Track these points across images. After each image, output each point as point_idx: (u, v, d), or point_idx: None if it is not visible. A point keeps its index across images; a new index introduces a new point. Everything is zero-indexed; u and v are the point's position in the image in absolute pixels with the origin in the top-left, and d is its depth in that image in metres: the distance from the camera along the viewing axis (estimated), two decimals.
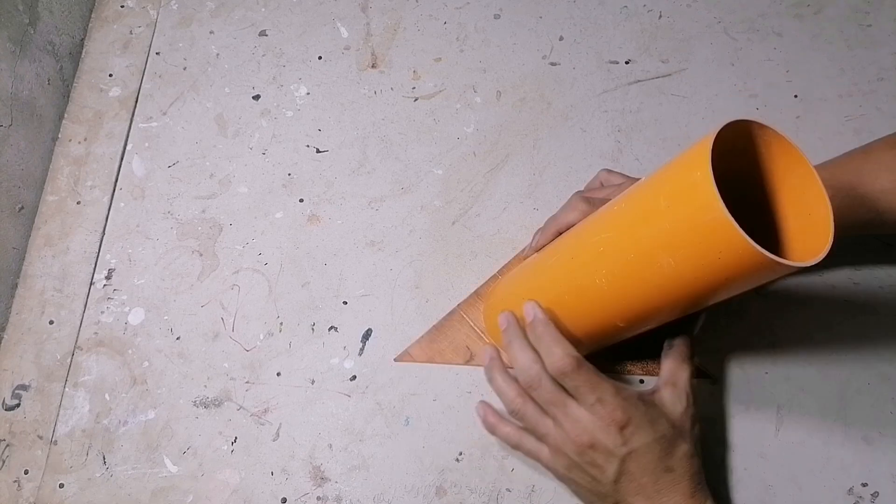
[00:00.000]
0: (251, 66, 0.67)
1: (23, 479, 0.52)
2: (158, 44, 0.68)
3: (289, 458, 0.52)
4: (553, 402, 0.42)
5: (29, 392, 0.55)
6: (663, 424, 0.42)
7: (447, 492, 0.50)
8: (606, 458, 0.41)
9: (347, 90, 0.65)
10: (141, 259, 0.59)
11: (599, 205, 0.46)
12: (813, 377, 0.52)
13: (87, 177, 0.62)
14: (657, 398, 0.43)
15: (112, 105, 0.66)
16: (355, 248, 0.59)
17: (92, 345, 0.56)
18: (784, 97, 0.62)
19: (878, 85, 0.62)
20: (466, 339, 0.55)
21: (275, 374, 0.54)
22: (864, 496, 0.49)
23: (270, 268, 0.58)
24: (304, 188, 0.61)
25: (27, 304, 0.58)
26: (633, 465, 0.41)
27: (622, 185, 0.50)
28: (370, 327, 0.56)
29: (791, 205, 0.38)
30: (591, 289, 0.42)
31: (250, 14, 0.69)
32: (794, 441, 0.51)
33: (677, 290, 0.38)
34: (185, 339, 0.56)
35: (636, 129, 0.62)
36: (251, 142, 0.63)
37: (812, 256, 0.34)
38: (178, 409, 0.54)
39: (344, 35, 0.68)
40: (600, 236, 0.42)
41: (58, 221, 0.61)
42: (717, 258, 0.34)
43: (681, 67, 0.64)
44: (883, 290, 0.55)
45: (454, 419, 0.52)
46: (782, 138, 0.36)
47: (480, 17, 0.68)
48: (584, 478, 0.43)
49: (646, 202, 0.38)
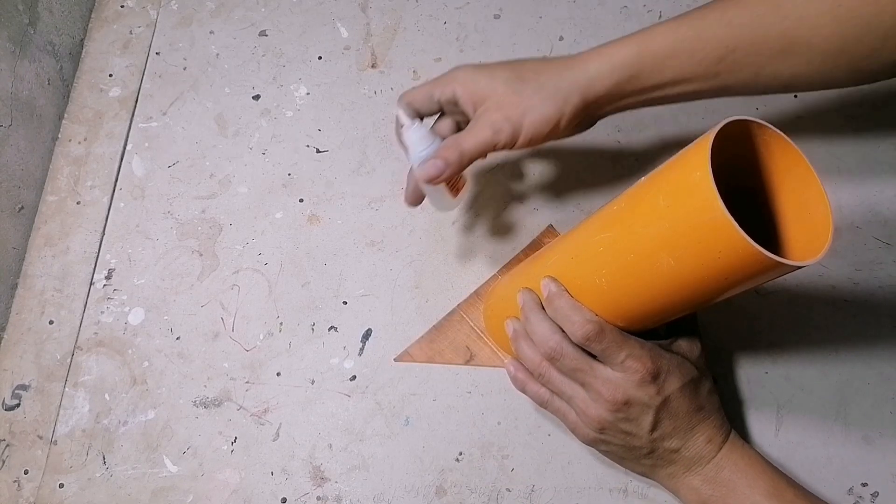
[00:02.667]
0: (251, 66, 0.67)
1: (23, 479, 0.52)
2: (158, 44, 0.68)
3: (289, 458, 0.52)
4: (579, 369, 0.43)
5: (29, 392, 0.55)
6: (688, 367, 0.43)
7: (447, 492, 0.50)
8: (642, 410, 0.42)
9: (347, 90, 0.65)
10: (141, 259, 0.59)
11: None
12: (813, 377, 0.52)
13: (87, 177, 0.62)
14: (675, 346, 0.45)
15: (112, 105, 0.66)
16: (355, 248, 0.59)
17: (92, 345, 0.56)
18: (784, 97, 0.62)
19: (877, 85, 0.62)
20: (466, 339, 0.55)
21: (275, 374, 0.54)
22: (864, 496, 0.49)
23: (270, 268, 0.58)
24: (304, 188, 0.61)
25: (27, 304, 0.58)
26: (668, 411, 0.42)
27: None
28: (370, 327, 0.56)
29: (790, 204, 0.38)
30: (590, 288, 0.42)
31: (250, 14, 0.69)
32: (794, 441, 0.51)
33: (677, 290, 0.38)
34: (185, 339, 0.56)
35: (636, 129, 0.62)
36: (251, 142, 0.63)
37: (811, 255, 0.34)
38: (178, 409, 0.54)
39: (344, 35, 0.68)
40: (600, 236, 0.42)
41: (58, 221, 0.61)
42: (717, 258, 0.34)
43: None
44: (882, 289, 0.55)
45: (454, 419, 0.52)
46: (781, 138, 0.36)
47: (480, 17, 0.68)
48: (617, 436, 0.44)
49: (645, 202, 0.38)
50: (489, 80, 0.45)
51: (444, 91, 0.46)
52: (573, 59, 0.46)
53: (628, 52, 0.44)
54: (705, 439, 0.43)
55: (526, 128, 0.45)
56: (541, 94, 0.44)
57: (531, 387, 0.47)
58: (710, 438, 0.43)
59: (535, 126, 0.45)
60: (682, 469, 0.44)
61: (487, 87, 0.45)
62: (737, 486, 0.43)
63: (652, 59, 0.44)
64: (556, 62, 0.46)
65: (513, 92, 0.44)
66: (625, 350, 0.41)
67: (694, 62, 0.44)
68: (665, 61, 0.44)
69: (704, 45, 0.44)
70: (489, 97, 0.45)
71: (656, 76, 0.45)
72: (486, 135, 0.44)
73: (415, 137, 0.46)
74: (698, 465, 0.43)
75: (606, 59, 0.45)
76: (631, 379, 0.41)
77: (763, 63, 0.44)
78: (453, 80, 0.46)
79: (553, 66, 0.46)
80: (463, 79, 0.46)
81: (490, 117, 0.44)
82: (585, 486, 0.50)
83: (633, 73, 0.45)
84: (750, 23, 0.43)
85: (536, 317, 0.45)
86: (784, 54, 0.43)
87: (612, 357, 0.42)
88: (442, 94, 0.46)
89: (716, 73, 0.44)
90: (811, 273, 0.55)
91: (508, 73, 0.45)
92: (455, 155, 0.45)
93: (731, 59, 0.44)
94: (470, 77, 0.45)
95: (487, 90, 0.45)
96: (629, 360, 0.41)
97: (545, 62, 0.46)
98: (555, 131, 0.45)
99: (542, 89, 0.44)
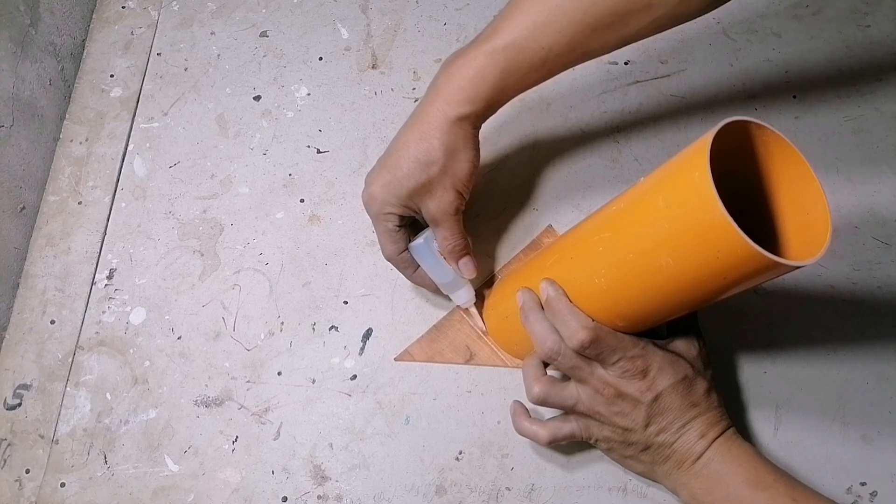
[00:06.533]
0: (252, 66, 0.67)
1: (24, 479, 0.52)
2: (159, 44, 0.68)
3: (289, 457, 0.52)
4: (576, 367, 0.44)
5: (30, 391, 0.55)
6: (682, 365, 0.44)
7: (447, 491, 0.50)
8: (635, 406, 0.43)
9: (348, 91, 0.65)
10: (142, 259, 0.59)
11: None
12: (812, 376, 0.52)
13: (89, 177, 0.63)
14: (672, 345, 0.46)
15: (113, 105, 0.66)
16: (356, 248, 0.59)
17: (93, 344, 0.56)
18: (783, 98, 0.62)
19: (876, 86, 0.62)
20: (466, 339, 0.55)
21: (276, 373, 0.55)
22: (863, 495, 0.49)
23: (271, 267, 0.58)
24: (305, 188, 0.61)
25: (29, 303, 0.58)
26: (661, 407, 0.43)
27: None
28: (371, 327, 0.56)
29: (789, 204, 0.38)
30: (590, 288, 0.43)
31: (251, 15, 0.70)
32: (793, 440, 0.51)
33: (676, 290, 0.38)
34: (187, 338, 0.56)
35: (635, 130, 0.62)
36: (252, 142, 0.63)
37: (810, 255, 0.34)
38: (180, 409, 0.54)
39: (344, 36, 0.68)
40: (600, 236, 0.42)
41: (59, 221, 0.61)
42: (716, 258, 0.34)
43: (680, 68, 0.64)
44: (881, 289, 0.55)
45: (454, 418, 0.52)
46: (780, 138, 0.37)
47: (480, 17, 0.68)
48: (615, 431, 0.45)
49: (645, 202, 0.38)
50: (399, 189, 0.48)
51: (391, 221, 0.50)
52: (430, 107, 0.47)
53: (492, 80, 0.46)
54: (697, 435, 0.44)
55: (463, 186, 0.49)
56: (441, 162, 0.47)
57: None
58: (703, 434, 0.44)
59: (465, 180, 0.49)
60: (676, 465, 0.44)
61: (407, 193, 0.48)
62: (721, 477, 0.43)
63: (517, 66, 0.46)
64: (422, 123, 0.48)
65: (426, 181, 0.47)
66: (618, 352, 0.43)
67: (522, 76, 0.46)
68: (527, 63, 0.46)
69: (558, 30, 0.45)
70: (418, 197, 0.48)
71: (524, 78, 0.47)
72: (453, 222, 0.50)
73: (429, 261, 0.52)
74: (690, 460, 0.44)
75: (471, 93, 0.46)
76: (623, 377, 0.43)
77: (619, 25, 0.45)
78: (384, 208, 0.49)
79: (422, 127, 0.47)
80: (388, 202, 0.49)
81: (438, 209, 0.49)
82: (585, 484, 0.50)
83: (501, 88, 0.47)
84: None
85: (535, 317, 0.46)
86: (596, 30, 0.44)
87: (605, 359, 0.43)
88: (392, 223, 0.50)
89: (578, 47, 0.46)
90: (810, 273, 0.56)
91: (407, 167, 0.47)
92: (460, 245, 0.51)
93: (587, 32, 0.45)
94: (390, 196, 0.48)
95: (410, 196, 0.48)
96: (621, 361, 0.43)
97: (416, 129, 0.48)
98: (476, 163, 0.49)
99: (442, 154, 0.47)
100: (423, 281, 0.53)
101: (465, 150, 0.48)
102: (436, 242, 0.51)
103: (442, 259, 0.51)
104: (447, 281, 0.52)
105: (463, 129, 0.47)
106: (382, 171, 0.49)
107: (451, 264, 0.51)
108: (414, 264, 0.52)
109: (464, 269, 0.52)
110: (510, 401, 0.50)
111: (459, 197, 0.49)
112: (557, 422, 0.47)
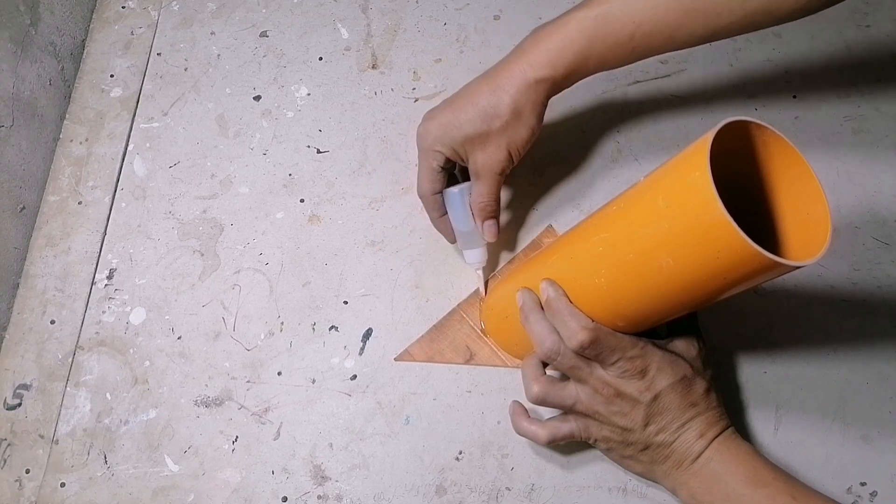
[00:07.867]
0: (252, 66, 0.67)
1: (24, 479, 0.52)
2: (159, 44, 0.68)
3: (289, 457, 0.52)
4: (576, 367, 0.44)
5: (30, 391, 0.55)
6: (681, 365, 0.44)
7: (447, 490, 0.50)
8: (633, 405, 0.44)
9: (348, 91, 0.65)
10: (142, 259, 0.59)
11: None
12: (811, 376, 0.53)
13: (89, 177, 0.63)
14: (671, 345, 0.46)
15: (113, 105, 0.66)
16: (356, 248, 0.59)
17: (93, 344, 0.56)
18: (783, 98, 0.62)
19: (876, 85, 0.62)
20: (466, 339, 0.55)
21: (276, 373, 0.55)
22: (863, 495, 0.49)
23: (271, 268, 0.58)
24: (305, 188, 0.61)
25: (28, 303, 0.58)
26: (659, 406, 0.44)
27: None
28: (370, 327, 0.56)
29: (789, 204, 0.39)
30: (590, 288, 0.43)
31: (251, 15, 0.70)
32: (793, 440, 0.51)
33: (676, 290, 0.38)
34: (187, 338, 0.56)
35: (635, 130, 0.62)
36: (252, 142, 0.64)
37: (810, 256, 0.34)
38: (180, 409, 0.54)
39: (344, 36, 0.68)
40: (599, 236, 0.42)
41: (59, 221, 0.61)
42: (716, 257, 0.34)
43: (679, 68, 0.64)
44: (881, 289, 0.55)
45: (454, 418, 0.52)
46: (780, 138, 0.37)
47: (480, 18, 0.68)
48: (614, 431, 0.45)
49: (645, 202, 0.38)
50: (456, 131, 0.49)
51: (436, 160, 0.51)
52: (515, 64, 0.48)
53: (577, 47, 0.47)
54: (696, 434, 0.44)
55: (517, 149, 0.50)
56: (506, 118, 0.48)
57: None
58: (702, 434, 0.44)
59: (521, 144, 0.50)
60: (675, 464, 0.45)
61: (462, 138, 0.49)
62: (720, 477, 0.43)
63: (604, 37, 0.47)
64: (499, 77, 0.48)
65: (485, 131, 0.48)
66: (617, 353, 0.43)
67: (606, 49, 0.47)
68: (614, 35, 0.47)
69: (652, 5, 0.45)
70: (471, 146, 0.49)
71: (608, 52, 0.48)
72: (495, 181, 0.50)
73: (458, 211, 0.53)
74: (689, 459, 0.44)
75: (555, 56, 0.47)
76: (622, 377, 0.43)
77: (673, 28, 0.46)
78: (434, 145, 0.50)
79: (498, 80, 0.48)
80: (440, 140, 0.50)
81: (486, 164, 0.50)
82: (585, 484, 0.50)
83: (585, 57, 0.47)
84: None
85: (535, 317, 0.46)
86: (688, 14, 0.45)
87: (605, 359, 0.43)
88: (437, 163, 0.51)
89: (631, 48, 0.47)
90: (810, 273, 0.56)
91: (471, 113, 0.48)
92: (491, 206, 0.51)
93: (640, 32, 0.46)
94: (445, 135, 0.49)
95: (464, 142, 0.49)
96: (621, 361, 0.43)
97: (491, 81, 0.49)
98: (536, 133, 0.50)
99: (509, 111, 0.48)
100: (444, 228, 0.54)
101: (531, 116, 0.48)
102: (470, 197, 0.52)
103: (471, 214, 0.52)
104: (467, 231, 0.53)
105: (536, 93, 0.48)
106: (446, 110, 0.49)
107: (476, 221, 0.52)
108: (442, 209, 0.53)
109: (486, 230, 0.52)
110: (510, 401, 0.50)
111: (509, 159, 0.50)
112: (556, 422, 0.47)
